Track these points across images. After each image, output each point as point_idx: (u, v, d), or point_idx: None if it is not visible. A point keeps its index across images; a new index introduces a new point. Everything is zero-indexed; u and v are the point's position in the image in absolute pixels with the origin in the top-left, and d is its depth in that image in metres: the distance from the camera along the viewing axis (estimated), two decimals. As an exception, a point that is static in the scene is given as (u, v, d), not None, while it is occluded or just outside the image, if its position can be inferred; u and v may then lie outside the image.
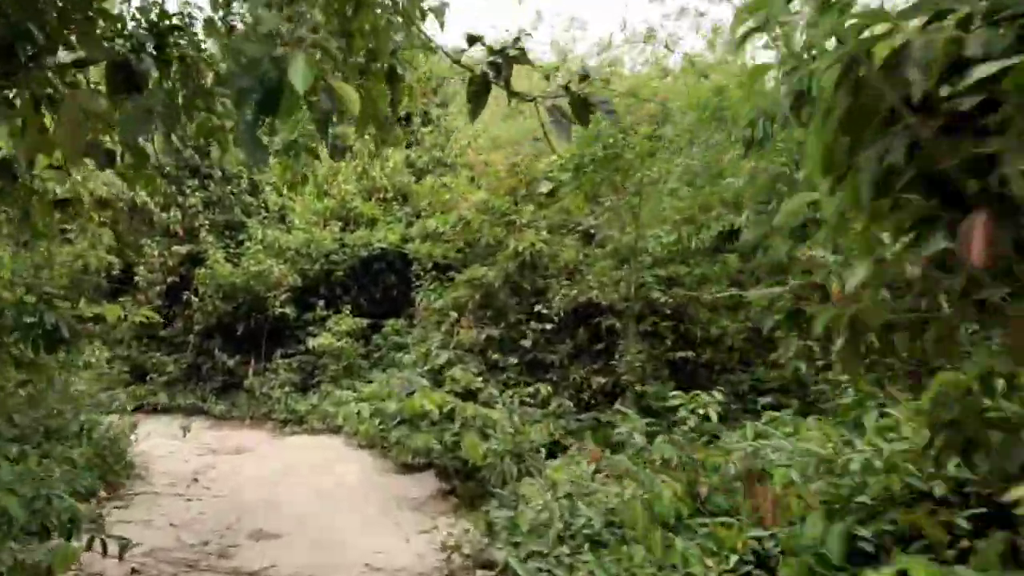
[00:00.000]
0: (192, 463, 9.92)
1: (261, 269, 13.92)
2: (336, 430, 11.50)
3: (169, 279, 14.75)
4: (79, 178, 14.92)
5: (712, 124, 9.75)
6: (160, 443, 11.06)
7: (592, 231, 10.26)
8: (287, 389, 13.37)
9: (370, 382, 12.91)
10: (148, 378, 15.26)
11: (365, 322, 13.74)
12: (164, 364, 15.06)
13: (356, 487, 8.31)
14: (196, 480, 8.68)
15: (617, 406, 8.43)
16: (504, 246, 10.34)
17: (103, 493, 7.38)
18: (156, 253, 14.54)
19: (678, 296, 8.64)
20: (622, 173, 8.24)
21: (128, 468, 8.52)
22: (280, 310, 13.72)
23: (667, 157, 9.01)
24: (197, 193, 15.04)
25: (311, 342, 13.27)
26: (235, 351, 14.72)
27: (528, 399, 7.98)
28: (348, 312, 13.88)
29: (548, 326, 9.35)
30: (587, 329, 9.45)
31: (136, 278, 15.00)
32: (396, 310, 14.86)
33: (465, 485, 7.06)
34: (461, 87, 18.67)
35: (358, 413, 11.21)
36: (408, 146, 17.13)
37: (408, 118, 18.64)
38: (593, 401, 8.90)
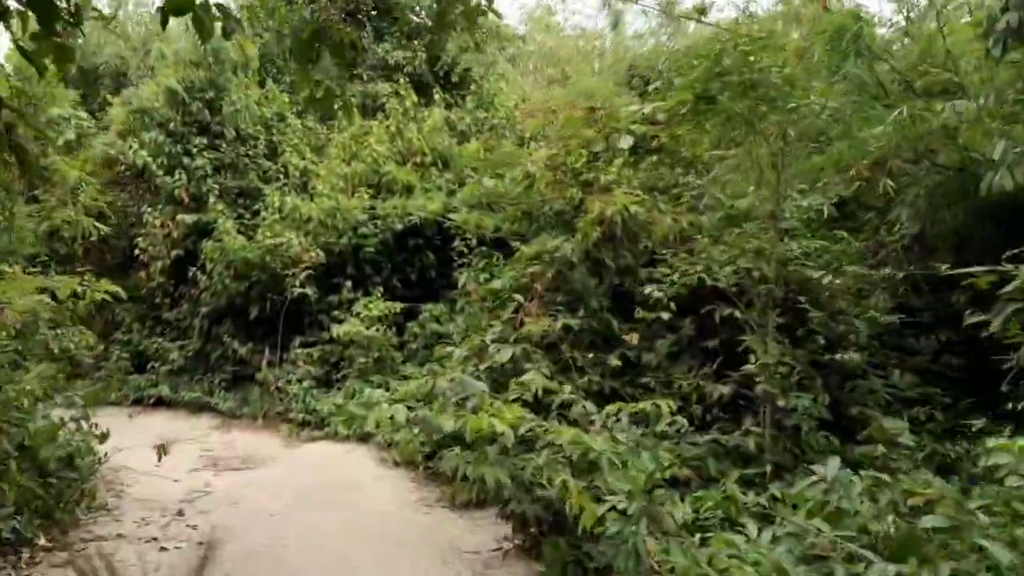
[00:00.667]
0: (183, 482, 7.95)
1: (279, 242, 11.89)
2: (364, 438, 9.46)
3: (173, 252, 12.76)
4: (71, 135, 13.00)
5: (853, 56, 7.48)
6: (149, 453, 9.11)
7: (698, 192, 8.02)
8: (306, 384, 11.35)
9: (405, 378, 10.85)
10: (149, 367, 13.33)
11: (399, 306, 11.65)
12: (167, 351, 13.16)
13: (392, 527, 6.23)
14: (181, 513, 6.67)
15: (748, 426, 6.24)
16: (581, 212, 8.14)
17: (42, 541, 5.34)
18: (158, 223, 12.55)
19: (841, 277, 6.39)
20: (762, 109, 5.99)
21: (89, 497, 6.51)
22: (300, 290, 11.68)
23: (808, 93, 6.72)
24: (206, 153, 13.01)
25: (335, 329, 11.21)
26: (247, 338, 12.75)
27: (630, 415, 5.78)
28: (379, 295, 11.80)
29: (646, 315, 7.13)
30: (694, 320, 7.23)
31: (136, 251, 13.05)
32: (434, 293, 12.76)
33: (553, 544, 4.90)
34: (501, 54, 16.27)
35: (391, 418, 9.13)
36: (448, 107, 14.97)
37: (447, 76, 16.52)
38: (708, 416, 6.70)
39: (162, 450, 7.04)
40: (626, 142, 8.81)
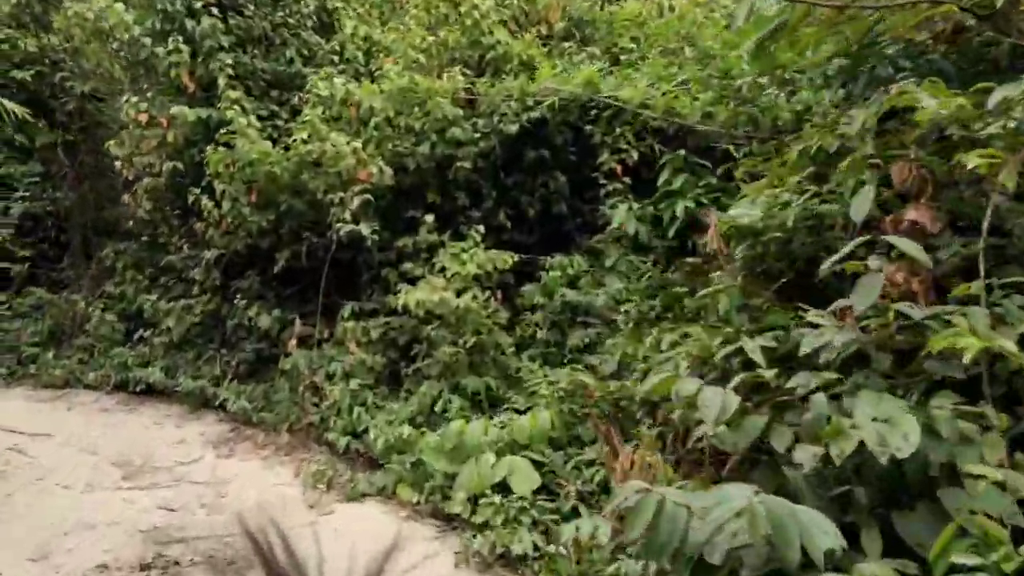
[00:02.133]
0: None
1: (322, 149, 7.51)
2: (447, 518, 5.10)
3: (167, 165, 8.57)
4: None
5: None
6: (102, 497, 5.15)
7: None
8: (357, 382, 7.06)
9: (522, 385, 6.43)
10: (138, 335, 9.34)
11: (510, 258, 7.14)
12: (164, 314, 9.07)
13: None
14: None
15: None
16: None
17: None
18: (142, 118, 8.35)
19: None
20: None
21: None
22: (352, 228, 7.31)
23: None
24: (219, 15, 8.64)
25: (407, 294, 6.79)
26: (274, 300, 8.55)
27: None
28: (477, 238, 7.30)
29: None
30: None
31: (117, 162, 8.94)
32: (564, 238, 8.22)
33: None
34: None
35: (501, 499, 4.70)
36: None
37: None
38: None
39: None
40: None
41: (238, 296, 8.50)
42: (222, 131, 7.83)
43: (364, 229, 7.31)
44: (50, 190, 11.21)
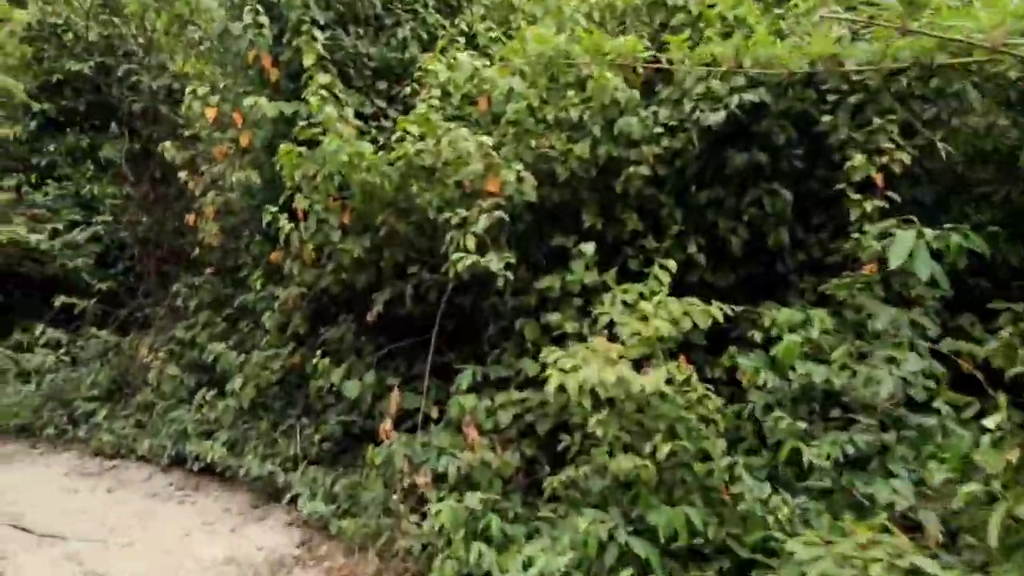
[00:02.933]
0: None
1: (436, 150, 5.37)
2: None
3: (238, 175, 6.66)
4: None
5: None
6: None
7: None
8: (479, 497, 4.71)
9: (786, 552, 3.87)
10: (199, 400, 7.46)
11: (717, 309, 4.62)
12: (234, 369, 7.14)
13: None
14: None
15: None
16: None
17: None
18: (209, 112, 6.52)
19: None
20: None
21: None
22: (476, 260, 5.01)
23: None
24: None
25: (557, 368, 4.35)
26: (370, 357, 6.42)
27: None
28: (664, 278, 4.83)
29: None
30: None
31: (182, 174, 7.18)
32: (774, 281, 5.70)
33: None
34: None
35: None
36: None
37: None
38: None
39: None
40: None
41: (322, 350, 6.42)
42: (301, 124, 5.81)
43: (494, 263, 5.01)
44: (134, 212, 9.71)
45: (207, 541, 5.56)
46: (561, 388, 4.05)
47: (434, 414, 5.62)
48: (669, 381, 4.22)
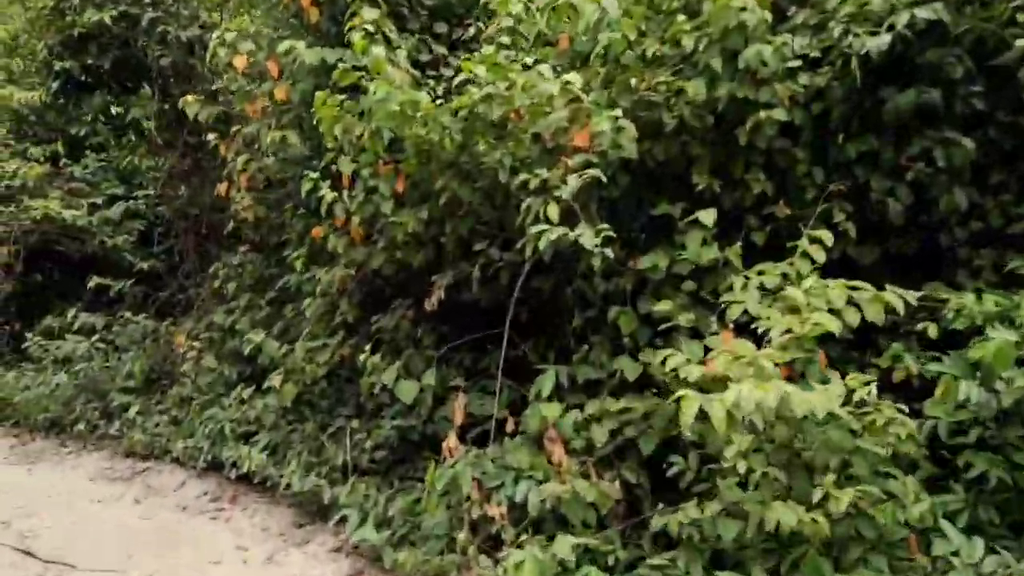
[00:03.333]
0: None
1: (507, 96, 4.28)
2: None
3: (273, 135, 5.68)
4: None
5: None
6: None
7: None
8: (571, 541, 3.67)
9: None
10: (237, 396, 6.61)
11: (897, 297, 3.42)
12: (274, 361, 6.26)
13: None
14: None
15: None
16: None
17: None
18: (238, 60, 5.56)
19: None
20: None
21: None
22: (561, 233, 3.91)
23: None
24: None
25: (685, 396, 3.24)
26: (431, 349, 5.43)
27: None
28: (816, 254, 3.66)
29: None
30: None
31: (212, 136, 6.28)
32: (933, 257, 4.49)
33: None
34: None
35: None
36: None
37: None
38: None
39: None
40: None
41: (376, 340, 5.48)
42: (341, 66, 4.79)
43: (586, 237, 3.91)
44: (170, 182, 8.91)
45: (239, 574, 4.69)
46: (701, 414, 2.93)
47: (508, 424, 4.60)
48: (833, 395, 3.08)
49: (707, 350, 3.72)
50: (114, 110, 8.06)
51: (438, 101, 4.71)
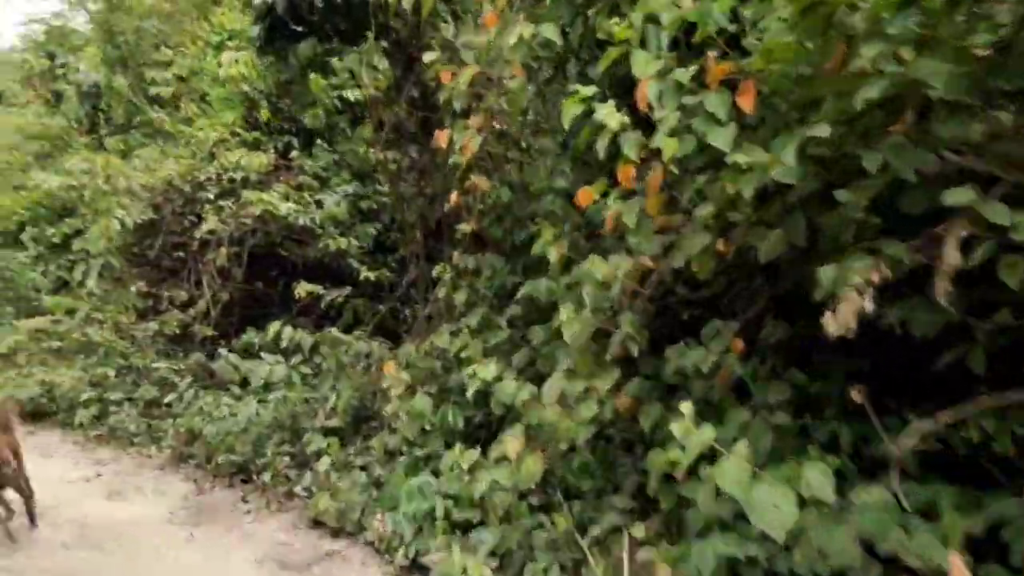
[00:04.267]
0: None
1: None
2: None
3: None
4: None
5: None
6: None
7: None
8: None
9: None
10: (453, 459, 4.42)
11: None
12: (500, 395, 4.04)
13: None
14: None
15: None
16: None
17: None
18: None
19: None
20: None
21: None
22: None
23: None
24: None
25: None
26: (789, 416, 2.85)
27: None
28: None
29: None
30: None
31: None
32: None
33: None
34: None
35: None
36: None
37: None
38: None
39: None
40: None
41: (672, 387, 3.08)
42: None
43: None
44: (401, 172, 7.27)
45: None
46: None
47: None
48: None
49: None
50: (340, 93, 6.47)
51: None
